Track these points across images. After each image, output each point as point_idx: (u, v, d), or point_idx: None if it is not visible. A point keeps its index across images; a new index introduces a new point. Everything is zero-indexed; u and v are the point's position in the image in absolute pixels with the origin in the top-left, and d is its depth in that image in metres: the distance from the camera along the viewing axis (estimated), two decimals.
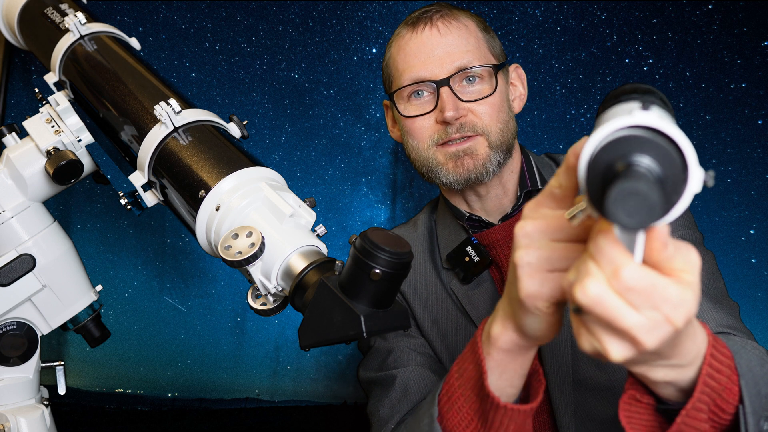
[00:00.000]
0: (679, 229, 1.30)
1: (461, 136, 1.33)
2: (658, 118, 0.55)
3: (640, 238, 0.59)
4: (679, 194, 0.55)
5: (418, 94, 1.36)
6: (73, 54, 1.27)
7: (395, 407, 1.30)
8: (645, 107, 0.57)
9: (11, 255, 1.21)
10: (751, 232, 2.02)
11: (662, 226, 0.60)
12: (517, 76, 1.47)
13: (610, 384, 1.29)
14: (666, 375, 0.75)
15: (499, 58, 1.41)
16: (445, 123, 1.33)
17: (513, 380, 0.89)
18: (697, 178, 0.55)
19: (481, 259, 1.36)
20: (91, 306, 1.29)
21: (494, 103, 1.35)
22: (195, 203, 0.99)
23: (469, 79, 1.35)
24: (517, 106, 1.46)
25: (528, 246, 0.73)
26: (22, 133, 1.26)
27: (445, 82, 1.32)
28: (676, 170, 0.55)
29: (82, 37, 1.27)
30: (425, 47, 1.35)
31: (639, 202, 0.52)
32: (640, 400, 0.81)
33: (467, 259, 1.37)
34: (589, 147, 0.56)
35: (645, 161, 0.54)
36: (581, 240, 0.71)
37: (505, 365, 0.87)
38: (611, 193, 0.52)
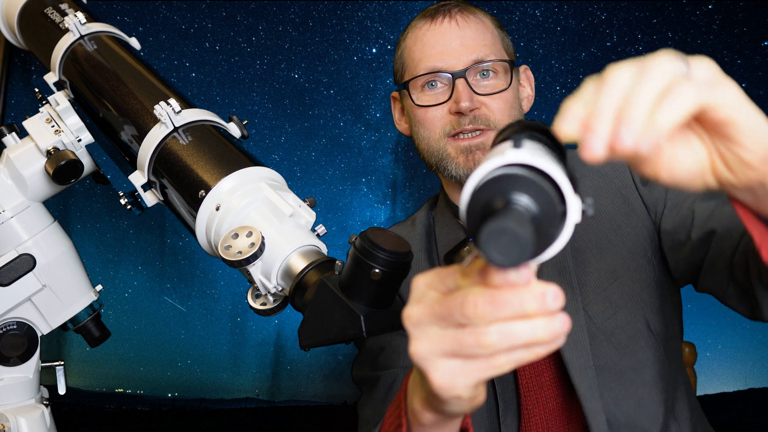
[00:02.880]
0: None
1: (474, 128, 1.33)
2: (528, 155, 0.56)
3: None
4: (558, 227, 0.55)
5: (432, 84, 1.37)
6: (72, 54, 1.27)
7: (377, 408, 1.30)
8: (516, 145, 0.58)
9: (11, 255, 1.21)
10: None
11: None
12: (526, 77, 1.49)
13: (634, 366, 1.29)
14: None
15: (512, 56, 1.43)
16: (458, 114, 1.33)
17: None
18: (575, 209, 0.55)
19: None
20: (91, 306, 1.28)
21: (507, 99, 1.36)
22: (195, 203, 0.99)
23: (484, 74, 1.36)
24: (525, 107, 1.46)
25: (420, 337, 0.64)
26: (22, 133, 1.26)
27: (461, 73, 1.33)
28: (553, 202, 0.55)
29: (82, 36, 1.27)
30: (443, 38, 1.36)
31: (510, 240, 0.51)
32: None
33: None
34: (467, 190, 0.57)
35: (521, 198, 0.55)
36: None
37: None
38: (482, 232, 0.52)
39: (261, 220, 0.94)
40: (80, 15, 1.25)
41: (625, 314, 1.31)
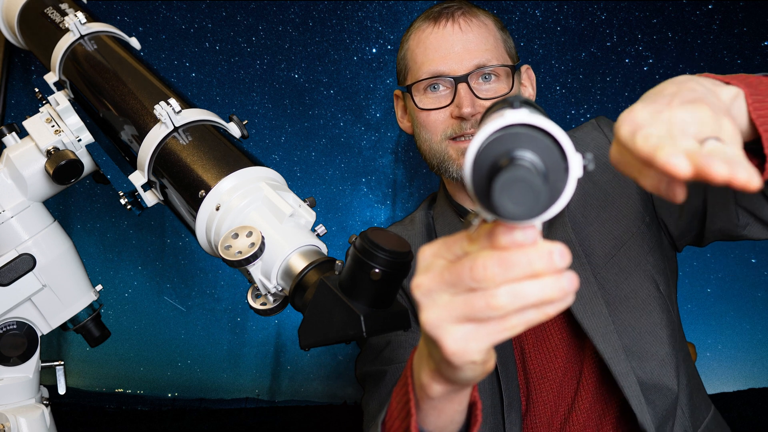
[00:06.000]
0: None
1: (475, 133, 1.34)
2: (528, 114, 0.58)
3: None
4: (563, 181, 0.57)
5: (434, 87, 1.38)
6: (73, 54, 1.27)
7: (384, 402, 1.30)
8: (515, 107, 0.60)
9: (11, 255, 1.21)
10: None
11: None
12: (527, 77, 1.49)
13: (650, 328, 1.31)
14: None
15: (514, 58, 1.44)
16: (460, 118, 1.34)
17: (453, 416, 0.86)
18: (576, 164, 0.57)
19: None
20: (91, 306, 1.29)
21: None
22: (195, 203, 0.99)
23: (486, 77, 1.37)
24: None
25: (431, 305, 0.65)
26: (22, 133, 1.26)
27: (463, 78, 1.34)
28: (556, 159, 0.57)
29: (82, 36, 1.27)
30: (446, 42, 1.37)
31: (524, 188, 0.53)
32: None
33: None
34: (471, 151, 0.58)
35: (526, 154, 0.56)
36: None
37: (441, 408, 0.84)
38: (495, 184, 0.53)
39: (261, 220, 0.94)
40: (80, 15, 1.26)
41: (636, 278, 1.33)
